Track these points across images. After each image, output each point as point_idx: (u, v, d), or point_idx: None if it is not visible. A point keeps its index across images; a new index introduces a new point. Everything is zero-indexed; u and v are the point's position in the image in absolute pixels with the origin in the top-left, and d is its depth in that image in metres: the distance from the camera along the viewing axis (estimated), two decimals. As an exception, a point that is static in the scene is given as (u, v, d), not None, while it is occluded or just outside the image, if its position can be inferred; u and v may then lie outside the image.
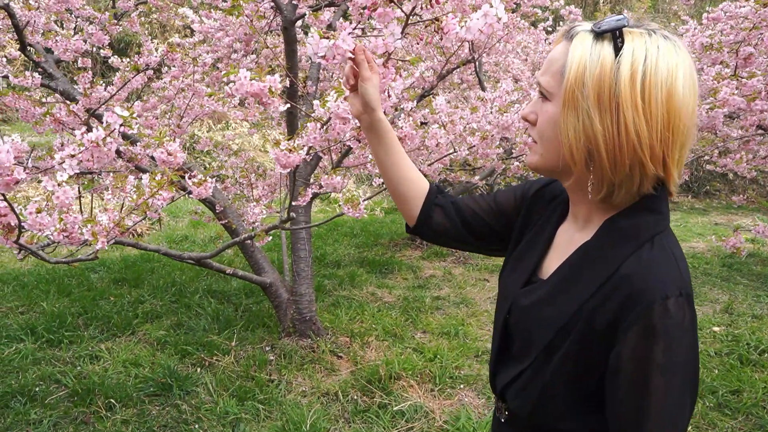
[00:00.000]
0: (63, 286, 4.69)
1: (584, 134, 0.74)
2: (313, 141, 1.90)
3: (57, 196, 1.67)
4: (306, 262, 3.71)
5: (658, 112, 0.72)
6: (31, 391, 2.97)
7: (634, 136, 0.72)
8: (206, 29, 5.36)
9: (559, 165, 0.82)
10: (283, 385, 3.06)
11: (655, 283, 0.72)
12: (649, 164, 0.73)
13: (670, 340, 0.71)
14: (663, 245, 0.76)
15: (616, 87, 0.72)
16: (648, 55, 0.72)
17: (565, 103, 0.76)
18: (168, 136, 1.92)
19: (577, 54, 0.75)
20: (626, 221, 0.78)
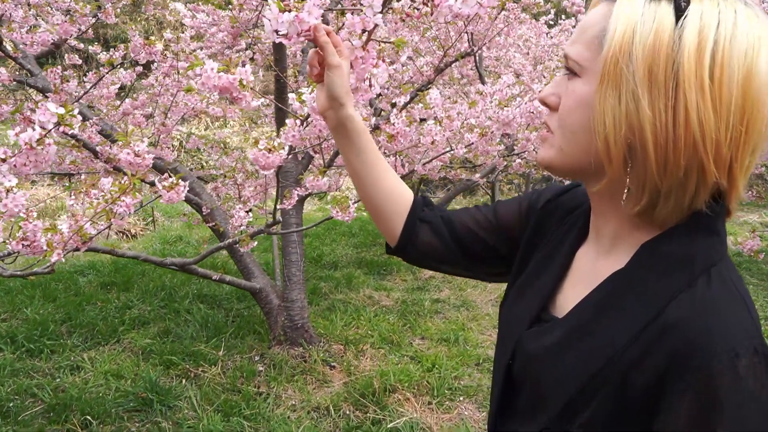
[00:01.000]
0: (49, 291, 4.52)
1: (626, 121, 0.55)
2: (292, 140, 1.71)
3: (5, 204, 1.48)
4: (297, 266, 3.53)
5: (732, 98, 0.52)
6: (4, 407, 2.80)
7: (696, 128, 0.52)
8: (198, 24, 5.18)
9: (586, 163, 0.61)
10: (271, 399, 2.88)
11: (718, 335, 0.52)
12: (711, 168, 0.54)
13: (738, 412, 0.51)
14: (724, 280, 0.56)
15: (676, 60, 0.53)
16: (722, 21, 0.53)
17: (604, 78, 0.57)
18: (147, 136, 1.74)
19: (623, 15, 0.56)
20: (673, 246, 0.59)
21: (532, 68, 7.07)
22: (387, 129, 2.26)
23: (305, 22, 0.74)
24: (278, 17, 0.73)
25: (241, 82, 1.34)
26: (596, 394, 0.58)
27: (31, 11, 3.23)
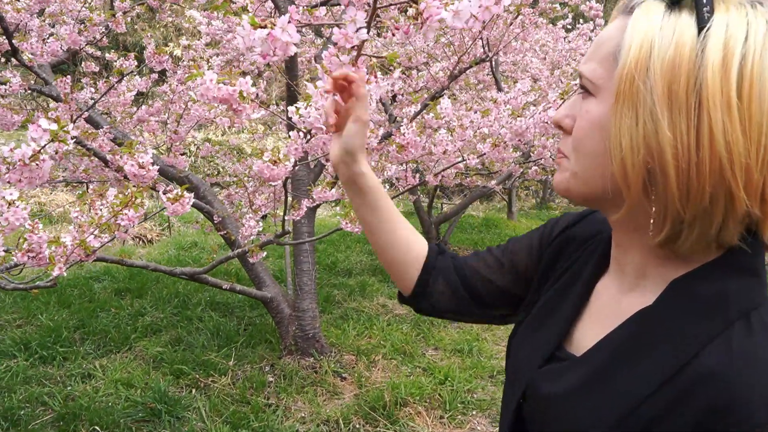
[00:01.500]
0: (64, 297, 4.54)
1: (645, 143, 0.50)
2: (295, 153, 1.68)
3: (6, 218, 1.47)
4: (309, 275, 3.50)
5: (763, 117, 0.47)
6: (15, 415, 2.80)
7: (723, 150, 0.47)
8: (213, 31, 5.20)
9: (603, 190, 0.56)
10: (280, 411, 2.84)
11: (755, 392, 0.46)
12: (740, 195, 0.48)
13: None
14: (766, 326, 0.50)
15: (698, 76, 0.47)
16: (751, 32, 0.47)
17: (619, 97, 0.51)
18: (160, 144, 1.71)
19: (640, 28, 0.51)
20: (706, 285, 0.53)
21: (550, 73, 6.99)
22: (397, 139, 2.21)
23: (279, 40, 0.70)
24: (250, 34, 0.69)
25: (241, 94, 1.31)
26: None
27: (46, 20, 3.25)
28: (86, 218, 1.86)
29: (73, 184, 3.59)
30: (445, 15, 0.75)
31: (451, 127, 2.42)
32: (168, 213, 1.82)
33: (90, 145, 2.63)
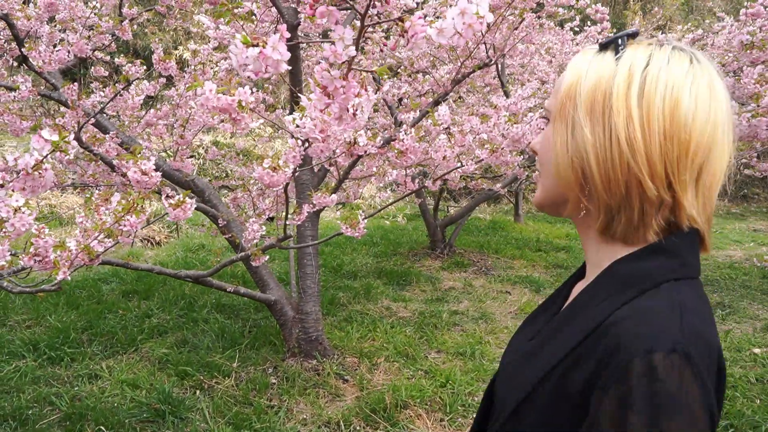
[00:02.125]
0: (72, 299, 4.61)
1: (574, 147, 0.65)
2: (293, 160, 1.71)
3: (12, 224, 1.50)
4: (312, 278, 3.53)
5: (658, 122, 0.60)
6: (23, 415, 2.85)
7: (626, 146, 0.61)
8: (221, 36, 5.25)
9: (559, 195, 0.70)
10: (282, 412, 2.87)
11: (640, 332, 0.55)
12: (648, 183, 0.60)
13: (656, 414, 0.51)
14: (671, 293, 0.59)
15: (610, 93, 0.63)
16: (651, 61, 0.62)
17: (556, 117, 0.68)
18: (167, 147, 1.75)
19: (574, 65, 0.68)
20: (633, 264, 0.63)
21: (556, 76, 6.99)
22: (397, 145, 2.24)
23: (270, 58, 0.73)
24: (242, 52, 0.72)
25: (239, 104, 1.34)
26: (540, 399, 0.63)
27: (56, 27, 3.31)
28: (91, 223, 1.90)
29: (82, 187, 3.64)
30: (430, 32, 0.78)
31: (451, 132, 2.44)
32: (170, 218, 1.85)
33: (97, 150, 2.67)
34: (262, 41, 0.73)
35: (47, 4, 2.66)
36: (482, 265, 6.57)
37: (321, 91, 0.89)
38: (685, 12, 14.40)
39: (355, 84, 0.88)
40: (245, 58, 0.73)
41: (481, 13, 0.76)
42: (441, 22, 0.76)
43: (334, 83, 0.84)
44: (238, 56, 0.74)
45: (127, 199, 1.76)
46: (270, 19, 4.03)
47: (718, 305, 5.11)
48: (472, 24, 0.77)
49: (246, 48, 0.73)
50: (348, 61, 0.84)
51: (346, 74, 0.86)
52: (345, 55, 0.77)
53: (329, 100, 0.88)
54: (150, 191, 1.77)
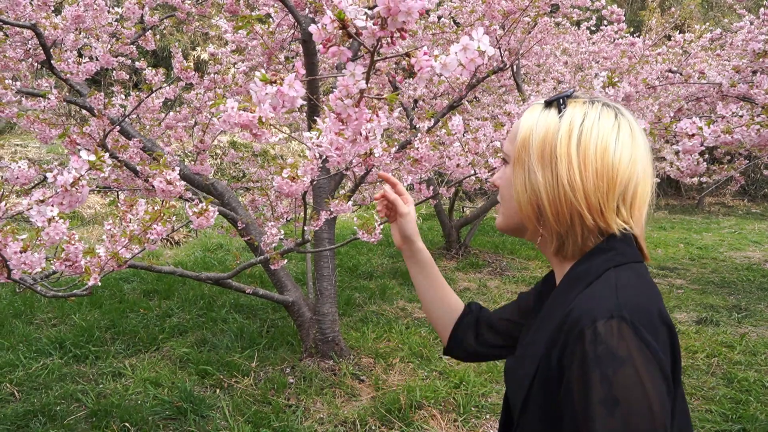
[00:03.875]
0: (96, 298, 4.74)
1: (530, 187, 0.80)
2: (311, 171, 1.78)
3: (47, 233, 1.59)
4: (329, 280, 3.60)
5: (592, 164, 0.76)
6: (52, 411, 2.96)
7: (568, 187, 0.77)
8: (239, 39, 5.34)
9: (519, 223, 0.86)
10: (300, 412, 2.95)
11: (585, 310, 0.70)
12: (586, 214, 0.77)
13: (605, 368, 0.65)
14: (609, 277, 0.74)
15: (555, 144, 0.78)
16: (586, 117, 0.79)
17: (515, 162, 0.84)
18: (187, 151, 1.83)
19: (526, 120, 0.84)
20: (581, 266, 0.79)
21: (572, 76, 6.99)
22: (411, 153, 2.30)
23: (287, 95, 0.79)
24: (262, 89, 0.79)
25: (260, 120, 1.41)
26: (537, 392, 0.75)
27: (81, 35, 3.42)
28: (118, 230, 1.99)
29: (106, 191, 3.75)
30: (435, 65, 0.84)
31: (465, 140, 2.49)
32: (194, 226, 1.93)
33: (121, 157, 2.77)
34: (280, 78, 0.80)
35: (75, 17, 2.76)
36: (497, 266, 6.60)
37: (335, 117, 0.96)
38: (705, 9, 14.23)
39: (366, 111, 0.94)
40: (264, 95, 0.80)
41: (482, 48, 0.82)
42: (445, 58, 0.82)
43: (347, 111, 0.91)
44: (258, 93, 0.81)
45: (153, 208, 1.84)
46: (288, 24, 4.11)
47: (734, 308, 5.09)
48: (473, 59, 0.83)
49: (265, 85, 0.80)
50: (360, 92, 0.91)
51: (358, 102, 0.93)
52: (356, 88, 0.84)
53: (343, 126, 0.95)
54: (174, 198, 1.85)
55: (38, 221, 1.49)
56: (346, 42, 0.81)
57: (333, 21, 0.79)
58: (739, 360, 3.79)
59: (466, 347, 1.10)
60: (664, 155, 6.16)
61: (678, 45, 6.23)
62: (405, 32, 0.77)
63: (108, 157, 2.97)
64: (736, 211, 13.22)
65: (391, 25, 0.74)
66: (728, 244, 8.68)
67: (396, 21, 0.73)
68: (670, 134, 2.79)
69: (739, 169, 5.41)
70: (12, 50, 3.36)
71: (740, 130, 2.11)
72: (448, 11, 5.50)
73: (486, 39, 0.82)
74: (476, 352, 1.09)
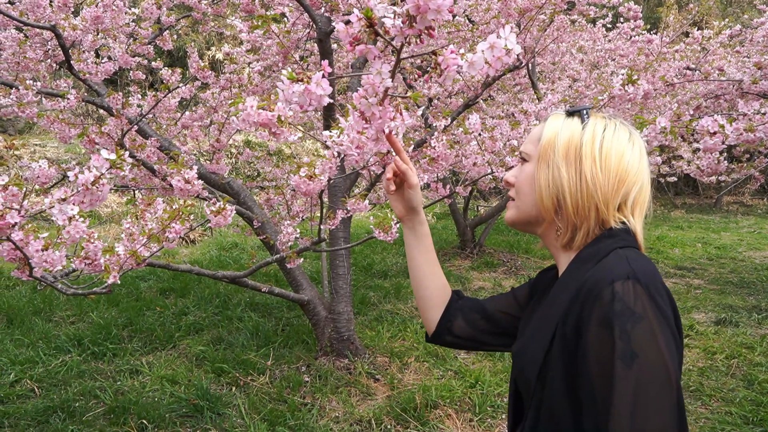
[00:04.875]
0: (113, 296, 4.78)
1: (553, 182, 0.89)
2: (329, 170, 1.78)
3: (68, 231, 1.60)
4: (344, 279, 3.60)
5: (611, 166, 0.87)
6: (71, 407, 3.00)
7: (591, 182, 0.86)
8: (254, 38, 5.36)
9: (534, 215, 0.94)
10: (315, 410, 2.96)
11: (602, 275, 0.76)
12: (602, 207, 0.86)
13: (623, 323, 0.70)
14: (619, 254, 0.81)
15: (580, 146, 0.88)
16: (607, 128, 0.90)
17: (540, 159, 0.92)
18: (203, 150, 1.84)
19: (551, 125, 0.93)
20: (589, 249, 0.86)
21: (588, 74, 6.93)
22: (428, 152, 2.29)
23: (314, 93, 0.79)
24: (289, 87, 0.79)
25: (279, 119, 1.41)
26: (554, 362, 0.80)
27: (99, 35, 3.45)
28: (137, 228, 2.00)
29: (123, 189, 3.78)
30: (462, 63, 0.83)
31: (482, 138, 2.47)
32: (212, 225, 1.94)
33: (139, 156, 2.80)
34: (307, 77, 0.80)
35: (94, 18, 2.79)
36: (512, 265, 6.57)
37: (359, 115, 0.96)
38: (723, 6, 14.03)
39: (390, 109, 0.93)
40: (291, 94, 0.80)
41: (508, 46, 0.81)
42: (471, 56, 0.81)
43: (371, 109, 0.90)
44: (285, 91, 0.80)
45: (171, 206, 1.85)
46: (303, 23, 4.11)
47: (754, 309, 5.02)
48: (500, 57, 0.82)
49: (292, 83, 0.79)
50: (384, 91, 0.90)
51: (382, 100, 0.92)
52: (382, 86, 0.83)
53: (366, 125, 0.95)
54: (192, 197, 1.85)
55: (59, 220, 1.51)
56: (372, 40, 0.80)
57: (360, 19, 0.79)
58: (760, 362, 3.73)
59: (454, 330, 1.11)
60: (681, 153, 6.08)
61: (696, 42, 6.14)
62: (433, 30, 0.77)
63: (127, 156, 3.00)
64: (755, 210, 13.05)
65: (420, 23, 0.73)
66: (747, 244, 8.57)
67: (425, 19, 0.73)
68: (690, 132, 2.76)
69: (759, 167, 5.33)
70: (32, 51, 3.40)
71: (763, 127, 2.08)
72: (463, 9, 5.48)
73: (513, 37, 0.81)
74: (463, 336, 1.11)
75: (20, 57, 3.31)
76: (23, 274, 1.68)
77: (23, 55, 3.32)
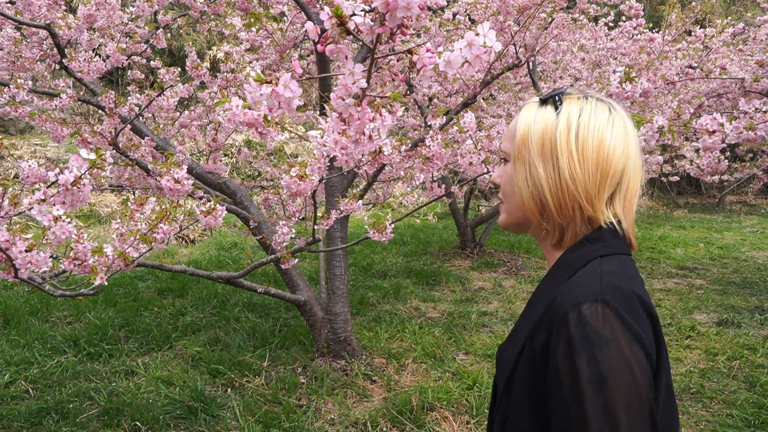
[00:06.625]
0: (110, 296, 4.77)
1: (532, 182, 0.82)
2: (318, 170, 1.75)
3: (53, 232, 1.58)
4: (341, 279, 3.58)
5: (590, 157, 0.79)
6: (65, 408, 2.98)
7: (570, 179, 0.79)
8: (253, 37, 5.34)
9: (521, 217, 0.88)
10: (311, 412, 2.93)
11: (571, 295, 0.73)
12: (585, 205, 0.80)
13: (591, 349, 0.67)
14: (594, 267, 0.77)
15: (555, 138, 0.81)
16: (582, 112, 0.81)
17: (515, 159, 0.86)
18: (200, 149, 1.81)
19: (523, 118, 0.86)
20: (570, 254, 0.82)
21: (589, 73, 6.88)
22: (423, 151, 2.26)
23: (282, 96, 0.76)
24: (256, 89, 0.76)
25: (265, 118, 1.38)
26: (520, 373, 0.78)
27: (95, 34, 3.43)
28: (126, 229, 1.98)
29: (119, 189, 3.76)
30: (439, 62, 0.80)
31: (478, 138, 2.44)
32: (202, 225, 1.91)
33: (133, 156, 2.77)
34: (275, 78, 0.77)
35: (86, 16, 2.77)
36: (512, 265, 6.54)
37: (337, 117, 0.93)
38: (726, 4, 13.95)
39: (368, 110, 0.90)
40: (259, 96, 0.77)
41: (488, 44, 0.78)
42: (448, 54, 0.78)
43: (349, 110, 0.87)
44: (252, 94, 0.77)
45: (160, 207, 1.83)
46: (301, 21, 4.09)
47: (757, 309, 4.97)
48: (479, 55, 0.79)
49: (260, 86, 0.76)
50: (362, 90, 0.88)
51: (360, 101, 0.89)
52: (355, 87, 0.80)
53: (345, 126, 0.92)
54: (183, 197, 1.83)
55: (44, 220, 1.48)
56: (344, 39, 0.77)
57: (331, 17, 0.76)
58: (762, 363, 3.69)
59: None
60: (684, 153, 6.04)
61: (699, 40, 6.09)
62: (406, 28, 0.74)
63: (116, 155, 2.97)
64: (758, 209, 12.98)
65: (390, 21, 0.70)
66: (750, 244, 8.51)
67: (395, 17, 0.70)
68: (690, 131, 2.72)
69: (762, 166, 5.28)
70: (28, 50, 3.38)
71: (764, 126, 2.04)
72: (463, 8, 5.44)
73: (492, 34, 0.78)
74: None
75: (16, 56, 3.29)
76: (9, 276, 1.66)
77: (19, 55, 3.30)
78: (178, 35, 11.37)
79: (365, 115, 0.91)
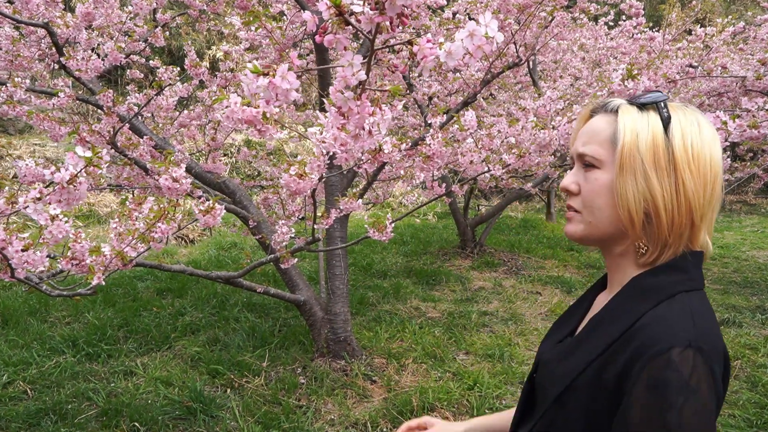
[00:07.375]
0: (110, 296, 4.75)
1: (642, 195, 0.76)
2: (318, 169, 1.73)
3: (50, 231, 1.56)
4: (341, 279, 3.56)
5: (706, 173, 0.76)
6: (63, 409, 2.96)
7: (692, 195, 0.75)
8: (252, 36, 5.32)
9: (612, 232, 0.81)
10: (310, 413, 2.91)
11: (661, 333, 0.70)
12: (698, 223, 0.76)
13: (676, 396, 0.65)
14: (683, 302, 0.73)
15: (671, 151, 0.76)
16: (692, 124, 0.77)
17: (622, 168, 0.78)
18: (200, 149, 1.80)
19: (627, 123, 0.78)
20: (651, 278, 0.78)
21: (589, 72, 6.87)
22: (423, 149, 2.24)
23: (279, 87, 0.75)
24: (253, 81, 0.74)
25: (264, 115, 1.36)
26: (578, 388, 0.76)
27: (94, 33, 3.41)
28: (124, 228, 1.96)
29: (118, 189, 3.75)
30: (440, 53, 0.79)
31: (478, 136, 2.43)
32: (201, 224, 1.90)
33: (131, 155, 2.76)
34: (272, 70, 0.75)
35: (84, 14, 2.75)
36: (513, 265, 6.52)
37: (336, 111, 0.91)
38: (727, 3, 13.93)
39: (368, 104, 0.89)
40: (256, 87, 0.75)
41: (490, 34, 0.76)
42: (449, 45, 0.77)
43: (348, 104, 0.86)
44: (249, 85, 0.76)
45: (158, 206, 1.81)
46: (300, 20, 4.07)
47: (758, 309, 4.95)
48: (481, 45, 0.77)
49: (256, 77, 0.75)
50: (361, 83, 0.86)
51: (359, 95, 0.87)
52: (354, 79, 0.78)
53: (344, 121, 0.90)
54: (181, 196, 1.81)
55: (40, 219, 1.47)
56: (343, 30, 0.76)
57: (330, 7, 0.74)
58: (764, 363, 3.68)
59: None
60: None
61: (699, 39, 6.07)
62: (406, 18, 0.72)
63: (114, 154, 2.95)
64: (759, 209, 12.96)
65: (390, 9, 0.68)
66: (750, 243, 8.49)
67: (395, 5, 0.68)
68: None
69: (763, 166, 5.26)
70: (26, 49, 3.36)
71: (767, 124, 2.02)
72: (463, 7, 5.43)
73: (494, 24, 0.76)
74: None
75: (14, 55, 3.27)
76: (6, 275, 1.64)
77: (17, 53, 3.28)
78: (177, 34, 11.35)
79: (365, 109, 0.89)
